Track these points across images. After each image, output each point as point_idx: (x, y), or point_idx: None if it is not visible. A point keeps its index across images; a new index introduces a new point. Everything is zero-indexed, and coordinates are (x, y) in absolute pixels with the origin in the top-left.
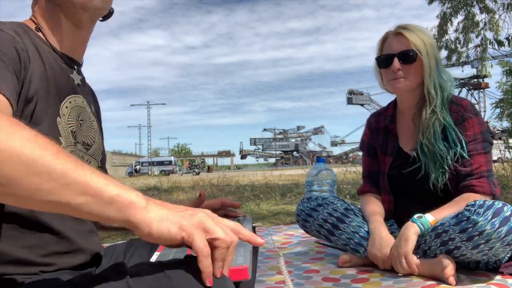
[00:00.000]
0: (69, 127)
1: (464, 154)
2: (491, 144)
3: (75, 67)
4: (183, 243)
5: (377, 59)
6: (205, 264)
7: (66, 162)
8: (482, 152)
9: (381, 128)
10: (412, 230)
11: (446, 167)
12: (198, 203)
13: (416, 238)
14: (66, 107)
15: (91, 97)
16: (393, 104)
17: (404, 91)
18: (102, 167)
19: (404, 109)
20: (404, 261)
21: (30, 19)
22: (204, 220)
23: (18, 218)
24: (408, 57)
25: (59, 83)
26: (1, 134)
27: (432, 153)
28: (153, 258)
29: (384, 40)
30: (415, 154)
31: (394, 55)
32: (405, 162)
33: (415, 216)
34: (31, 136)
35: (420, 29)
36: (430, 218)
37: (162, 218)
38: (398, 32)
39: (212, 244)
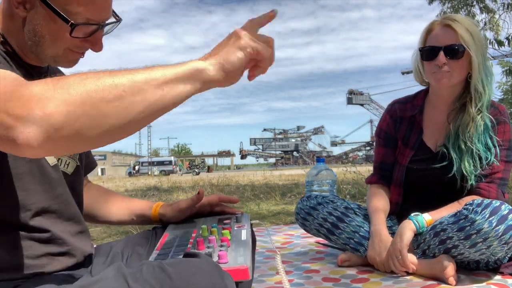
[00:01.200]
0: None
1: (495, 161)
2: None
3: (47, 72)
4: (249, 60)
5: (421, 50)
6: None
7: (126, 72)
8: (504, 159)
9: (406, 118)
10: (407, 226)
11: (479, 168)
12: (196, 201)
13: (411, 235)
14: None
15: None
16: (424, 94)
17: (447, 86)
18: (81, 165)
19: (437, 103)
20: (400, 257)
21: None
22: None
23: (10, 221)
24: (456, 52)
25: None
26: (69, 94)
27: (468, 151)
28: (152, 257)
29: (430, 30)
30: (445, 150)
31: (440, 48)
32: (429, 158)
33: (413, 214)
34: (82, 79)
35: (469, 21)
36: (427, 217)
37: (225, 60)
38: (446, 24)
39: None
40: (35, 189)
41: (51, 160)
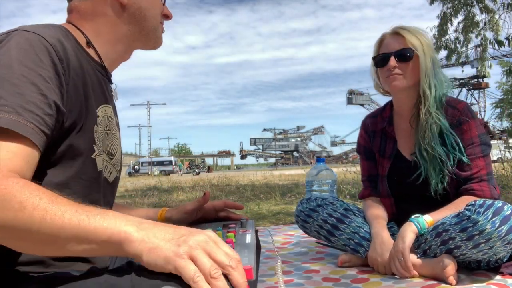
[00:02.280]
0: (100, 135)
1: (463, 158)
2: (489, 146)
3: (115, 84)
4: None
5: (374, 58)
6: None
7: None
8: (480, 155)
9: (378, 131)
10: (409, 228)
11: (446, 171)
12: (202, 203)
13: (413, 237)
14: (98, 116)
15: (115, 108)
16: (390, 105)
17: (400, 89)
18: (119, 177)
19: (400, 111)
20: (402, 258)
21: (75, 26)
22: (193, 249)
23: None
24: (405, 55)
25: (96, 93)
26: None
27: (432, 157)
28: None
29: (381, 41)
30: (415, 158)
31: (391, 54)
32: (405, 167)
33: (413, 216)
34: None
35: (417, 29)
36: (428, 218)
37: (150, 249)
38: (395, 32)
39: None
40: (82, 193)
41: (99, 165)
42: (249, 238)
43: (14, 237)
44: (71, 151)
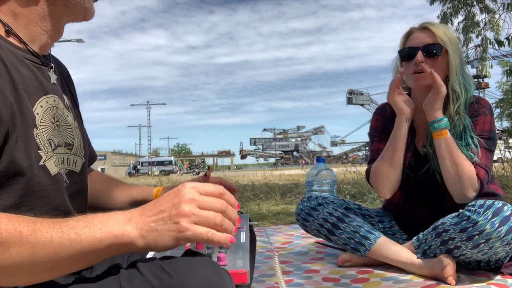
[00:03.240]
0: (45, 136)
1: (474, 157)
2: (495, 145)
3: (51, 64)
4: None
5: (400, 52)
6: (216, 239)
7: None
8: (483, 146)
9: None
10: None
11: None
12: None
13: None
14: (37, 114)
15: (63, 80)
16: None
17: (425, 86)
18: (86, 162)
19: (420, 107)
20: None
21: None
22: (186, 211)
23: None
24: (433, 50)
25: (29, 89)
26: None
27: None
28: (150, 254)
29: (409, 34)
30: (426, 151)
31: (418, 48)
32: (418, 159)
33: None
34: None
35: (445, 26)
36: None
37: (156, 238)
38: (424, 27)
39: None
40: (41, 204)
41: (53, 169)
42: (243, 236)
43: (7, 275)
44: (14, 167)
